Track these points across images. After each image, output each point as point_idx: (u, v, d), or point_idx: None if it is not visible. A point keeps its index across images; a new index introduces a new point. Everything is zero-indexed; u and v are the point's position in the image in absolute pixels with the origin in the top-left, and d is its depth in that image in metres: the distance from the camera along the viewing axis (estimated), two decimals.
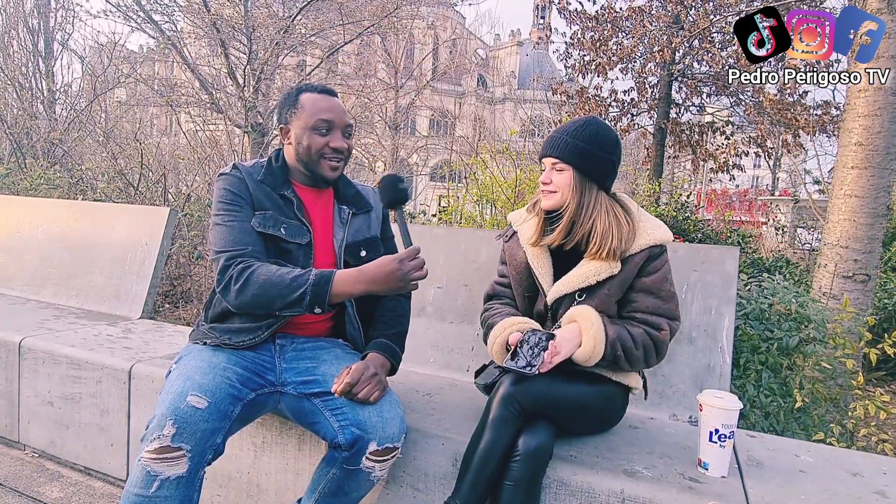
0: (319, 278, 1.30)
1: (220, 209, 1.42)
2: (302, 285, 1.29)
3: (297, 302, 1.30)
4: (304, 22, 8.10)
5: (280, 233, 1.43)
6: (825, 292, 3.26)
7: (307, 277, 1.30)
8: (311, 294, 1.29)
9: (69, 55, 9.83)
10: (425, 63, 21.60)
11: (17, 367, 2.10)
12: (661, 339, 1.40)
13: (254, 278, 1.32)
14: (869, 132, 3.20)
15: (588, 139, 1.42)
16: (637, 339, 1.38)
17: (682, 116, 8.62)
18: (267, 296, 1.31)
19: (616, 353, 1.37)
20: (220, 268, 1.35)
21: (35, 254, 2.98)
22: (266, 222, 1.43)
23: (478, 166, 4.86)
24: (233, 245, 1.37)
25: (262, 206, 1.45)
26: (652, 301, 1.42)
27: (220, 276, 1.35)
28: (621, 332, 1.38)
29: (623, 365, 1.40)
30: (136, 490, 1.15)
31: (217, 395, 1.24)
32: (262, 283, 1.31)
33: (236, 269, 1.33)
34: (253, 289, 1.31)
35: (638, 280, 1.43)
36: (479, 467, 1.26)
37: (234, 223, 1.40)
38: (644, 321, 1.42)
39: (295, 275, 1.31)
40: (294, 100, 1.48)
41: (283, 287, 1.30)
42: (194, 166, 5.88)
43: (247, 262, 1.34)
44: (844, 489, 1.30)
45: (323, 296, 1.30)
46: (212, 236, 1.42)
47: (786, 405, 2.10)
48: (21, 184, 5.38)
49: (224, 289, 1.35)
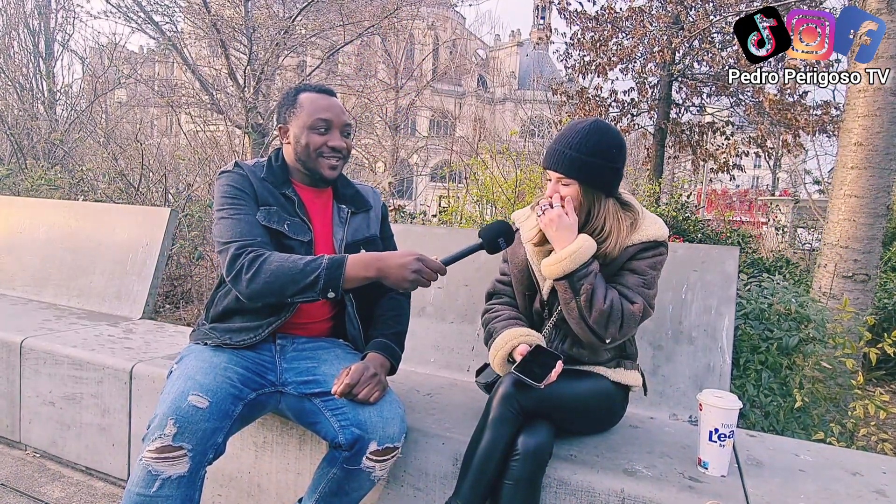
0: (333, 262, 1.30)
1: (225, 203, 1.42)
2: (316, 269, 1.29)
3: (311, 286, 1.29)
4: (304, 22, 8.10)
5: (284, 229, 1.43)
6: (825, 292, 3.26)
7: (321, 261, 1.30)
8: (325, 278, 1.28)
9: (70, 56, 9.85)
10: (425, 63, 21.63)
11: (18, 367, 2.11)
12: (630, 312, 1.36)
13: (266, 265, 1.31)
14: (869, 132, 3.20)
15: (592, 152, 1.39)
16: (609, 295, 1.35)
17: (682, 117, 8.63)
18: (280, 282, 1.29)
19: (583, 285, 1.34)
20: (229, 257, 1.34)
21: (36, 254, 2.99)
22: (271, 217, 1.43)
23: (478, 167, 4.87)
24: (241, 236, 1.37)
25: (267, 202, 1.45)
26: (634, 279, 1.41)
27: (231, 266, 1.33)
28: (600, 280, 1.37)
29: (579, 308, 1.35)
30: (137, 489, 1.15)
31: (218, 395, 1.24)
32: (274, 270, 1.30)
33: (247, 257, 1.32)
34: (265, 276, 1.30)
35: (627, 262, 1.43)
36: (480, 467, 1.26)
37: (241, 216, 1.40)
38: (621, 292, 1.39)
39: (308, 260, 1.31)
40: (293, 100, 1.49)
41: (297, 272, 1.29)
42: (195, 167, 5.88)
43: (257, 250, 1.34)
44: (844, 489, 1.30)
45: (337, 279, 1.29)
46: (217, 230, 1.41)
47: (786, 405, 2.11)
48: (22, 185, 5.39)
49: (234, 278, 1.33)
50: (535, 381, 1.26)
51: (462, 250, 1.36)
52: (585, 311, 1.35)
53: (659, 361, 1.81)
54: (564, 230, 1.38)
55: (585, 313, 1.35)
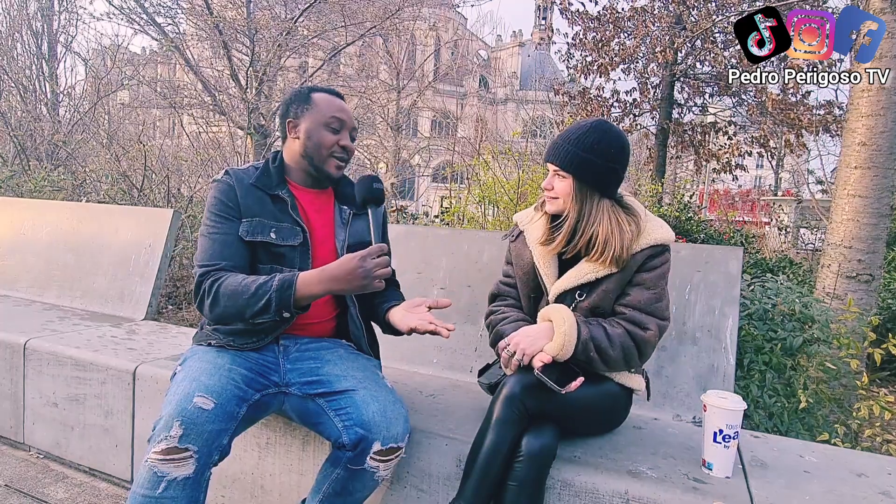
0: (282, 283, 1.31)
1: (207, 219, 1.45)
2: (267, 292, 1.30)
3: (265, 309, 1.31)
4: (306, 24, 8.11)
5: (270, 238, 1.43)
6: (829, 292, 3.25)
7: (271, 284, 1.31)
8: (276, 300, 1.30)
9: (72, 58, 9.91)
10: (427, 64, 21.64)
11: (21, 368, 2.11)
12: (645, 340, 1.38)
13: (222, 290, 1.33)
14: (872, 132, 3.20)
15: (590, 148, 1.39)
16: (615, 339, 1.36)
17: (684, 117, 8.62)
18: (236, 306, 1.32)
19: (589, 354, 1.35)
20: (195, 283, 1.37)
21: (39, 256, 3.00)
22: (254, 229, 1.43)
23: (480, 167, 4.87)
24: (209, 259, 1.39)
25: (251, 212, 1.45)
26: (646, 295, 1.41)
27: (196, 292, 1.37)
28: (596, 332, 1.36)
29: (598, 366, 1.38)
30: (142, 491, 1.15)
31: (223, 397, 1.25)
32: (229, 295, 1.32)
33: (206, 283, 1.35)
34: (224, 300, 1.32)
35: (636, 275, 1.42)
36: (483, 468, 1.26)
37: (217, 235, 1.42)
38: (631, 319, 1.40)
39: (260, 282, 1.32)
40: (306, 96, 1.50)
41: (249, 296, 1.31)
42: (197, 168, 5.90)
43: (216, 275, 1.36)
44: (849, 490, 1.30)
45: (287, 300, 1.30)
46: (197, 247, 1.45)
47: (790, 406, 2.10)
48: (25, 186, 5.40)
49: (199, 304, 1.37)
50: (558, 386, 1.25)
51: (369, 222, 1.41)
52: (604, 365, 1.39)
53: (662, 362, 1.81)
54: (535, 338, 1.35)
55: (605, 366, 1.39)
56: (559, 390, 1.25)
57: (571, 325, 1.34)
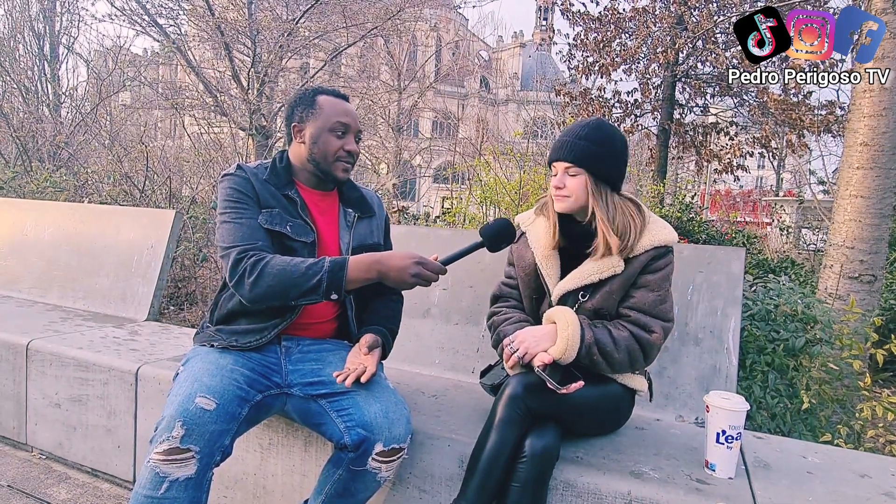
0: (335, 264, 1.31)
1: (227, 207, 1.43)
2: (318, 272, 1.30)
3: (314, 289, 1.30)
4: (307, 25, 8.12)
5: (287, 230, 1.44)
6: (831, 293, 3.25)
7: (322, 264, 1.31)
8: (327, 280, 1.29)
9: (74, 59, 9.90)
10: (428, 65, 21.66)
11: (24, 369, 2.12)
12: (651, 343, 1.38)
13: (268, 269, 1.31)
14: (874, 132, 3.19)
15: (600, 142, 1.41)
16: (620, 343, 1.37)
17: (685, 117, 8.61)
18: (283, 285, 1.30)
19: (593, 357, 1.35)
20: (231, 262, 1.35)
21: (41, 256, 3.00)
22: (273, 219, 1.44)
23: (481, 168, 4.87)
24: (243, 240, 1.37)
25: (269, 204, 1.45)
26: (651, 298, 1.41)
27: (233, 270, 1.34)
28: (601, 335, 1.36)
29: (603, 368, 1.39)
30: (145, 491, 1.15)
31: (225, 397, 1.25)
32: (276, 273, 1.31)
33: (249, 261, 1.33)
34: (268, 279, 1.31)
35: (640, 277, 1.42)
36: (486, 469, 1.26)
37: (243, 220, 1.41)
38: (636, 322, 1.40)
39: (310, 262, 1.32)
40: (311, 100, 1.50)
41: (299, 275, 1.30)
42: (199, 169, 5.90)
43: (259, 254, 1.35)
44: (852, 491, 1.29)
45: (339, 281, 1.30)
46: (219, 234, 1.42)
47: (792, 406, 2.10)
48: (27, 187, 5.41)
49: (237, 282, 1.34)
50: (558, 385, 1.25)
51: (462, 249, 1.37)
52: (608, 368, 1.39)
53: (665, 363, 1.81)
54: (539, 338, 1.36)
55: (609, 368, 1.39)
56: (558, 389, 1.25)
57: (575, 330, 1.34)
